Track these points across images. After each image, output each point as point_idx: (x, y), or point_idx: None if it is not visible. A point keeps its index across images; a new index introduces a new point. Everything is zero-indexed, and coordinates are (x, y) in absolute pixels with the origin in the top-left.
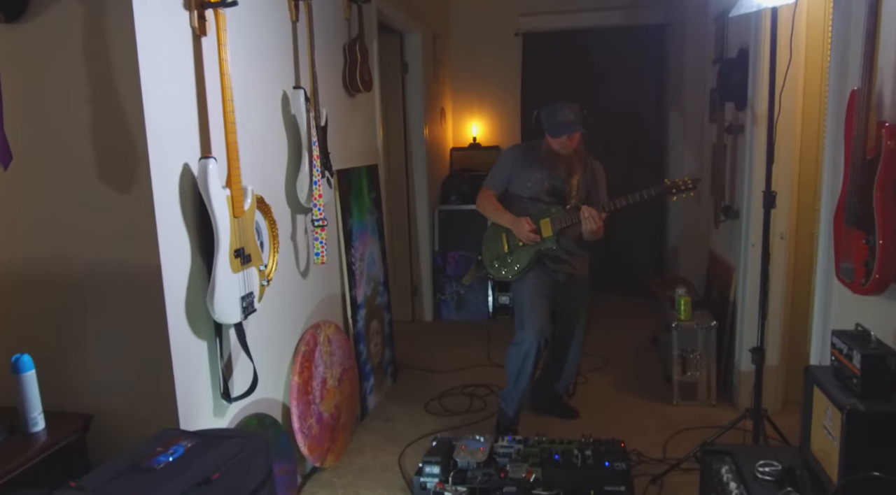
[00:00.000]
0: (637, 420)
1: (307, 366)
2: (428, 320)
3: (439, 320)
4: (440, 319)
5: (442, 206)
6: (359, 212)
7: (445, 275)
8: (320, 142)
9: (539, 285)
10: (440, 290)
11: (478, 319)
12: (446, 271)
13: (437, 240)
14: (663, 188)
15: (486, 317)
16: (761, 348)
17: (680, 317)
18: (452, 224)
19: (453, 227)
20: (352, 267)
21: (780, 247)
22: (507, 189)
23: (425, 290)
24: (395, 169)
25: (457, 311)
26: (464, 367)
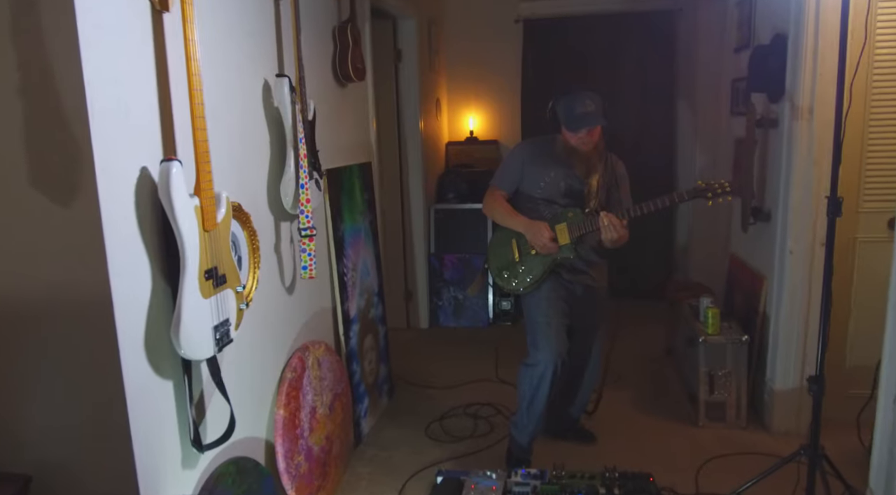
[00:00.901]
0: (661, 445)
1: (294, 396)
2: (424, 327)
3: (436, 327)
4: (437, 326)
5: (438, 205)
6: (351, 217)
7: (442, 278)
8: (308, 139)
9: (554, 299)
10: (437, 295)
11: (477, 326)
12: (443, 275)
13: (432, 241)
14: (697, 191)
15: (486, 323)
16: (821, 377)
17: (707, 331)
18: (449, 224)
19: (450, 228)
20: (343, 278)
21: (819, 255)
22: (517, 189)
23: (421, 296)
24: (388, 165)
25: (455, 318)
26: (465, 382)
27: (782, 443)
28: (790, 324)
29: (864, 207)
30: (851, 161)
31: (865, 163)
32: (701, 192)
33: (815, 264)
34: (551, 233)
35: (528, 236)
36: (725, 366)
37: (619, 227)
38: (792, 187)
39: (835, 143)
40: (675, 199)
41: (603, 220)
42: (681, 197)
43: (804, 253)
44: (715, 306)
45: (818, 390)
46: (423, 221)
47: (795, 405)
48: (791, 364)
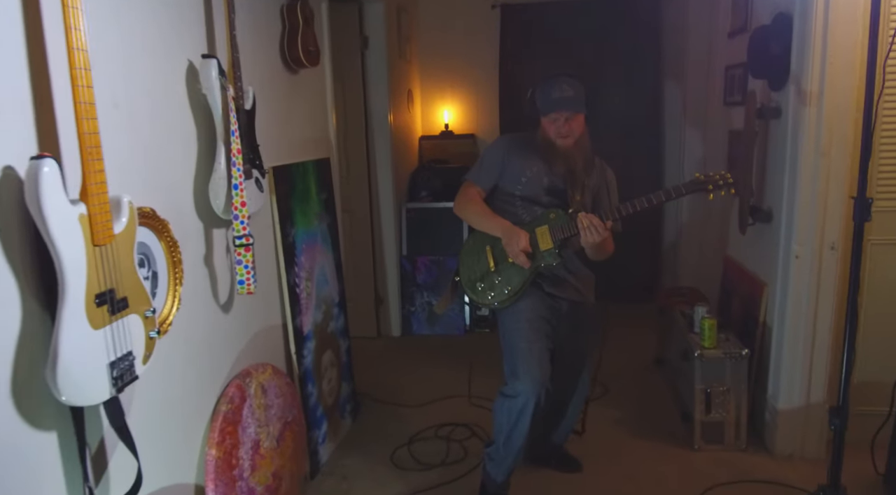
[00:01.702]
0: (654, 472)
1: (230, 432)
2: (395, 336)
3: (409, 335)
4: (410, 334)
5: (410, 204)
6: (304, 220)
7: (415, 283)
8: (244, 132)
9: (535, 319)
10: (409, 301)
11: (453, 334)
12: (416, 279)
13: (404, 243)
14: (696, 184)
15: (463, 331)
16: (845, 409)
17: (703, 344)
18: (422, 224)
19: (423, 228)
20: (295, 289)
21: (829, 259)
22: (496, 186)
23: (392, 302)
24: (355, 161)
25: (429, 325)
26: (438, 399)
27: (787, 468)
28: (795, 335)
29: (876, 206)
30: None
31: (878, 157)
32: (700, 185)
33: (823, 270)
34: (528, 244)
35: (503, 241)
36: (723, 383)
37: (601, 229)
38: (798, 183)
39: (864, 133)
40: (671, 194)
41: (582, 221)
42: (678, 191)
43: (811, 257)
44: (712, 316)
45: (841, 424)
46: (393, 221)
47: (801, 425)
48: (796, 380)
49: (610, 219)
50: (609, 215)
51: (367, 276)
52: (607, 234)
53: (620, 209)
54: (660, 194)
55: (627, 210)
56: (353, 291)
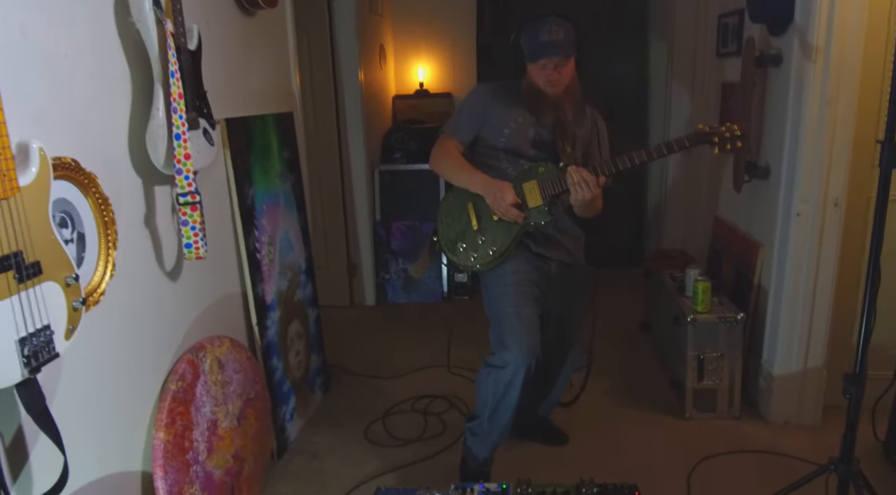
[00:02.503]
0: (644, 443)
1: (182, 413)
2: (369, 304)
3: (384, 304)
4: (385, 303)
5: (383, 166)
6: (265, 179)
7: (390, 249)
8: (188, 75)
9: (523, 282)
10: (384, 268)
11: (430, 301)
12: (391, 245)
13: (378, 207)
14: (700, 136)
15: (440, 298)
16: (862, 376)
17: (696, 309)
18: (396, 187)
19: (398, 192)
20: (255, 255)
21: (833, 217)
22: (476, 138)
23: (365, 269)
24: (323, 121)
25: (405, 293)
26: (415, 369)
27: (782, 436)
28: (794, 298)
29: None
30: (868, 103)
31: (885, 108)
32: (705, 138)
33: (826, 228)
34: (515, 197)
35: (487, 199)
36: (717, 349)
37: (593, 186)
38: (801, 135)
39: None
40: (673, 147)
41: (572, 176)
42: (680, 144)
43: (813, 214)
44: (705, 279)
45: (857, 392)
46: (365, 185)
47: (797, 391)
48: (794, 345)
49: (603, 175)
50: (603, 170)
51: (339, 243)
52: (599, 191)
53: (617, 163)
54: (661, 147)
55: (625, 164)
56: (324, 258)
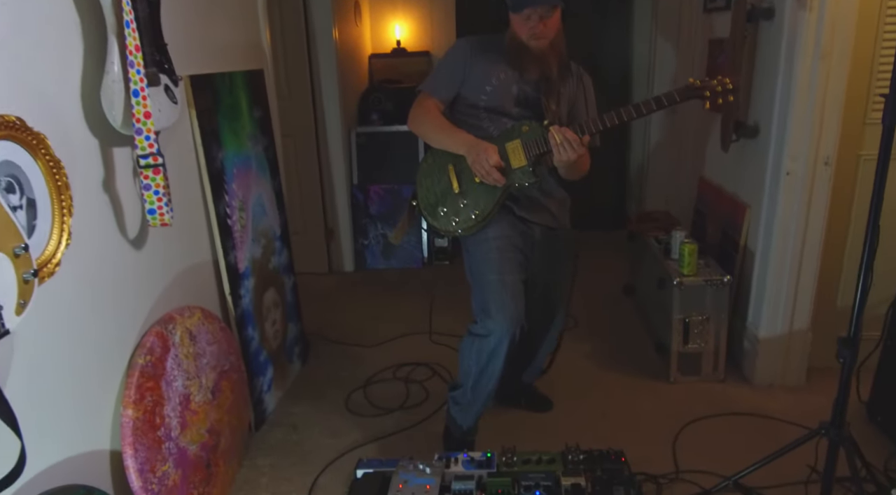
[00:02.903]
0: (629, 408)
1: (152, 388)
2: (348, 271)
3: (363, 270)
4: (364, 269)
5: (360, 128)
6: (235, 141)
7: (368, 214)
8: (145, 25)
9: (507, 247)
10: (362, 233)
11: (410, 267)
12: (369, 210)
13: (355, 171)
14: (691, 91)
15: (420, 264)
16: (856, 339)
17: (683, 272)
18: (374, 150)
19: (375, 154)
20: (226, 221)
21: (822, 176)
22: (456, 96)
23: (343, 234)
24: (296, 80)
25: (384, 258)
26: (396, 336)
27: (767, 398)
28: (781, 259)
29: (873, 118)
30: (862, 55)
31: (878, 61)
32: (695, 92)
33: (815, 188)
34: (498, 158)
35: (469, 159)
36: (703, 312)
37: (577, 145)
38: (792, 91)
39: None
40: (662, 102)
41: (554, 136)
42: (670, 98)
43: (803, 173)
44: (692, 242)
45: (851, 356)
46: (342, 147)
47: (782, 354)
48: (780, 308)
49: (587, 133)
50: (588, 128)
51: (316, 208)
52: (584, 151)
53: (605, 120)
54: (650, 102)
55: (612, 121)
56: (301, 224)
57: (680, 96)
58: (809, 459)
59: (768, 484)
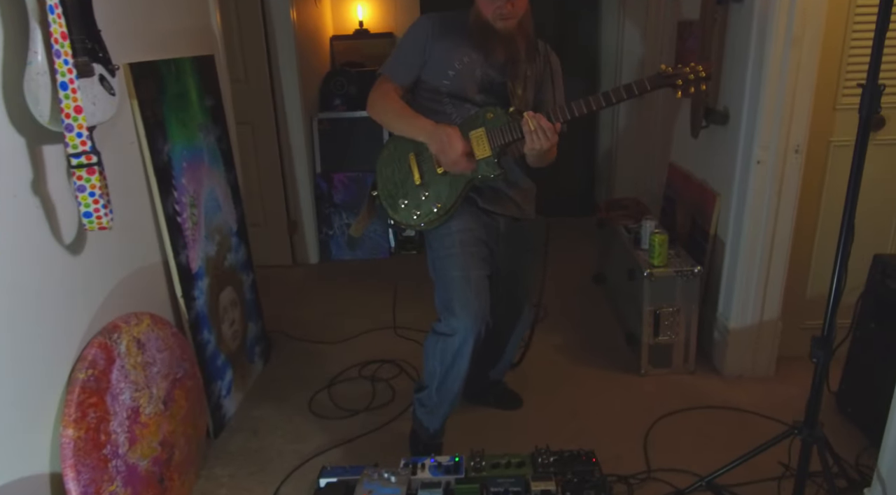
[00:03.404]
0: (600, 403)
1: (95, 404)
2: (313, 263)
3: (328, 261)
4: (329, 260)
5: (322, 114)
6: (183, 133)
7: (332, 203)
8: (73, 11)
9: (470, 241)
10: (326, 224)
11: (377, 257)
12: (333, 199)
13: (318, 158)
14: (662, 78)
15: (387, 254)
16: (830, 338)
17: (653, 263)
18: (337, 136)
19: (339, 141)
20: (176, 219)
21: (793, 164)
22: (417, 79)
23: (307, 225)
24: (253, 65)
25: (349, 249)
26: (363, 332)
27: (738, 390)
28: (752, 249)
29: (843, 103)
30: (832, 43)
31: (849, 46)
32: (667, 80)
33: (786, 176)
34: (465, 145)
35: (432, 147)
36: (673, 304)
37: (551, 133)
38: (763, 77)
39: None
40: (633, 90)
41: (528, 123)
42: (641, 87)
43: (774, 162)
44: (662, 232)
45: (825, 356)
46: (303, 134)
47: (752, 345)
48: (750, 298)
49: (559, 121)
50: (560, 116)
51: (277, 198)
52: (556, 139)
53: (573, 108)
54: (619, 90)
55: (580, 110)
56: (262, 215)
57: (651, 84)
58: (782, 456)
59: (740, 482)
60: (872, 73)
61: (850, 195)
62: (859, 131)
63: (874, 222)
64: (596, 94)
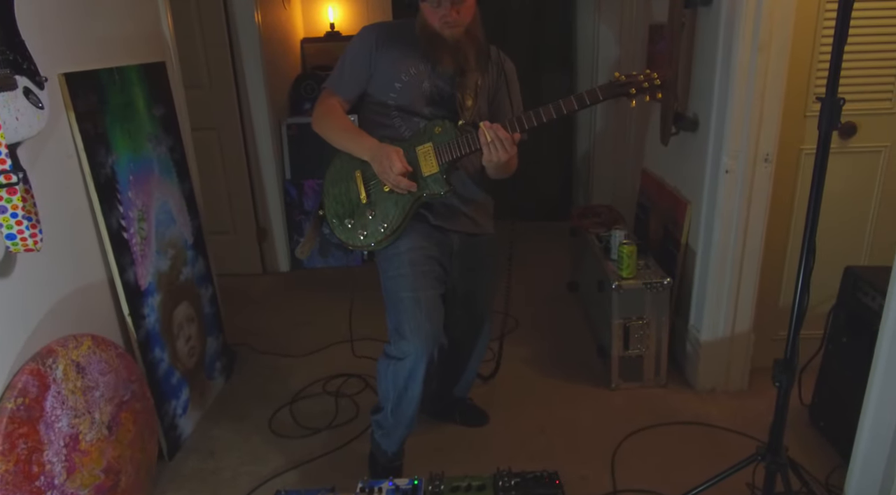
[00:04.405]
0: (568, 419)
1: (26, 434)
2: (284, 271)
3: (299, 269)
4: (300, 268)
5: (291, 119)
6: (130, 144)
7: (303, 210)
8: None
9: (421, 260)
10: (297, 231)
11: (350, 265)
12: (303, 205)
13: (287, 164)
14: (615, 87)
15: (360, 261)
16: (793, 362)
17: (622, 275)
18: (307, 142)
19: (309, 146)
20: (121, 234)
21: (763, 173)
22: (363, 93)
23: (277, 233)
24: (217, 69)
25: (321, 257)
26: (330, 344)
27: (709, 404)
28: (722, 259)
29: (814, 110)
30: (801, 50)
31: (818, 52)
32: (620, 89)
33: (756, 185)
34: (404, 163)
35: (374, 167)
36: (643, 316)
37: (509, 144)
38: (731, 84)
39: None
40: (584, 101)
41: (485, 134)
42: (593, 96)
43: (743, 171)
44: (631, 242)
45: (787, 380)
46: (271, 140)
47: (724, 358)
48: (722, 310)
49: (518, 131)
50: (518, 125)
51: (246, 205)
52: (515, 150)
53: (523, 120)
54: (571, 101)
55: (531, 122)
56: (231, 223)
57: (603, 94)
58: (750, 476)
59: None
60: (831, 86)
61: (811, 210)
62: (819, 146)
63: (847, 231)
64: (547, 106)
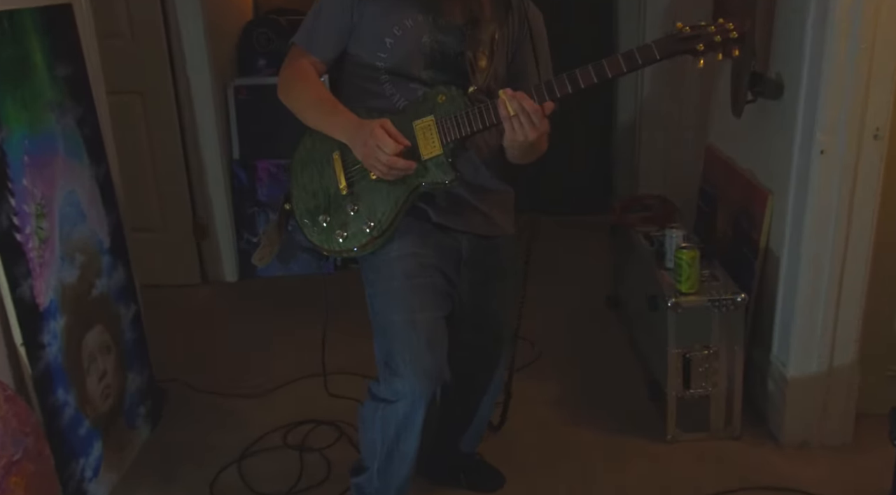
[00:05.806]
0: (607, 482)
1: None
2: (230, 281)
3: (250, 278)
4: (251, 277)
5: (241, 80)
6: (24, 115)
7: (255, 201)
8: None
9: (417, 269)
10: (248, 228)
11: (318, 274)
12: (256, 194)
13: (235, 140)
14: (677, 42)
15: (331, 268)
16: None
17: (681, 289)
18: (262, 109)
19: (263, 115)
20: (13, 236)
21: (871, 154)
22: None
23: (221, 230)
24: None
25: (280, 262)
26: (293, 379)
27: (800, 463)
28: (816, 268)
29: None
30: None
31: None
32: (684, 44)
33: (861, 169)
34: (399, 138)
35: (356, 153)
36: (709, 344)
37: (538, 118)
38: (828, 37)
39: None
40: (636, 60)
41: (506, 106)
42: (647, 55)
43: (844, 150)
44: (692, 246)
45: None
46: (213, 107)
47: (820, 399)
48: (816, 336)
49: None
50: (549, 93)
51: (180, 193)
52: (546, 126)
53: (555, 86)
54: (617, 61)
55: (565, 89)
56: (159, 218)
57: (661, 52)
58: None
59: None
60: None
61: None
62: None
63: None
64: (587, 67)
